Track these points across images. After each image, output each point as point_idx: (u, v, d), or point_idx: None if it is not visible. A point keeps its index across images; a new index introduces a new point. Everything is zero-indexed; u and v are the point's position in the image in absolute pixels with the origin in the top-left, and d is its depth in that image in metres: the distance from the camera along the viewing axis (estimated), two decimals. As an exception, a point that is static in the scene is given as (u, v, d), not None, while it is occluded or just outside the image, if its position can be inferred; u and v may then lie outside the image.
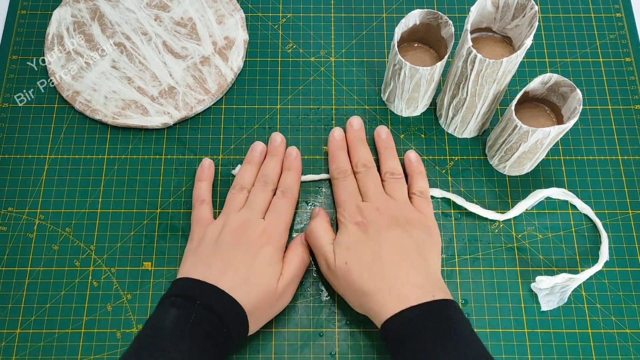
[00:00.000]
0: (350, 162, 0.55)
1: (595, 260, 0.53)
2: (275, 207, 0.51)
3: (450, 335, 0.41)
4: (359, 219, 0.49)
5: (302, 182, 0.56)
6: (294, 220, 0.55)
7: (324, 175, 0.57)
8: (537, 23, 0.47)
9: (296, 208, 0.55)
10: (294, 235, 0.54)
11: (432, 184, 0.57)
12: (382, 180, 0.53)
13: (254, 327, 0.47)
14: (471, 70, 0.49)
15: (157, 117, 0.58)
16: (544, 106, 0.54)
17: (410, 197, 0.53)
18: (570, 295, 0.52)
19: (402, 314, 0.43)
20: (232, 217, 0.50)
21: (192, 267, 0.47)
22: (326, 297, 0.53)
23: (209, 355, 0.42)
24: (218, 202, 0.56)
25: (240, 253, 0.47)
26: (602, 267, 0.52)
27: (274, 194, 0.53)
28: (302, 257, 0.50)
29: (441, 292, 0.45)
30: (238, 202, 0.52)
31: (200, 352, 0.41)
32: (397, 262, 0.46)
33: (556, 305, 0.51)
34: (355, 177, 0.54)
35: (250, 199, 0.52)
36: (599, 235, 0.54)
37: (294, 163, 0.55)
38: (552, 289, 0.51)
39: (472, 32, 0.53)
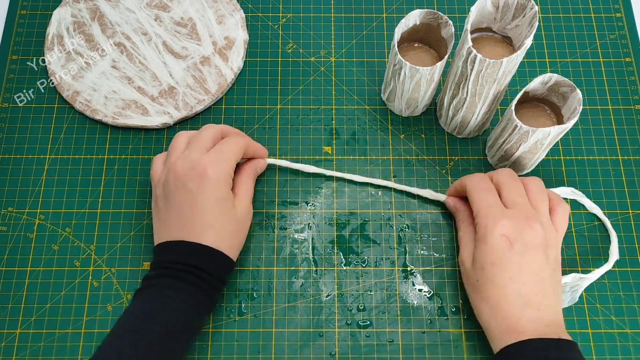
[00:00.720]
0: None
1: (603, 260, 0.53)
2: (219, 145, 0.50)
3: None
4: (505, 231, 0.46)
5: (277, 166, 0.57)
6: (290, 224, 0.55)
7: (299, 166, 0.56)
8: (537, 23, 0.47)
9: (298, 208, 0.55)
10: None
11: (432, 185, 0.57)
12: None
13: (234, 254, 0.49)
14: (471, 70, 0.49)
15: (157, 117, 0.58)
16: (544, 106, 0.54)
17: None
18: (582, 294, 0.52)
19: (528, 343, 0.43)
20: (172, 162, 0.48)
21: (157, 232, 0.49)
22: (326, 297, 0.53)
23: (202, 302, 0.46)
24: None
25: (188, 200, 0.47)
26: (613, 267, 0.52)
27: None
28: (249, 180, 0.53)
29: (565, 334, 0.45)
30: (179, 142, 0.50)
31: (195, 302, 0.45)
32: (534, 292, 0.45)
33: (567, 305, 0.51)
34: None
35: (192, 138, 0.50)
36: (609, 234, 0.54)
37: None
38: (563, 288, 0.51)
39: (472, 32, 0.53)
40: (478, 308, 0.47)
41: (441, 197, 0.55)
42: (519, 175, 0.57)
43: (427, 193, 0.55)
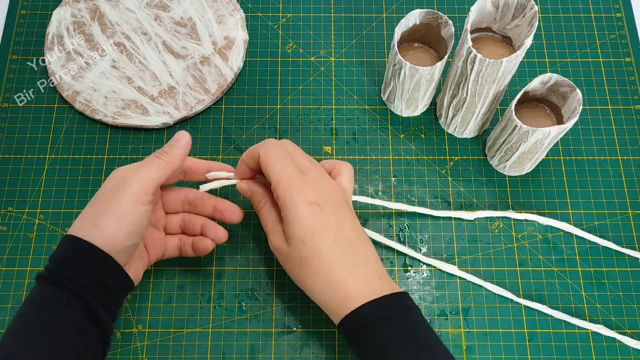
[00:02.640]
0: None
1: (595, 260, 0.54)
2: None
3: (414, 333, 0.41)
4: (311, 197, 0.44)
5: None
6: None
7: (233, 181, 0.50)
8: (537, 23, 0.47)
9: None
10: None
11: (432, 184, 0.57)
12: None
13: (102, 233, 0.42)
14: (471, 70, 0.49)
15: (157, 117, 0.58)
16: (544, 106, 0.54)
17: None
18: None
19: (368, 306, 0.41)
20: None
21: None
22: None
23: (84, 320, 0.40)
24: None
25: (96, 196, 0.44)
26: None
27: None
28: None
29: (395, 284, 0.44)
30: None
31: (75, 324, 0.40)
32: (358, 246, 0.44)
33: None
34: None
35: None
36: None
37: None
38: None
39: (472, 32, 0.53)
40: (310, 285, 0.44)
41: (235, 181, 0.49)
42: (519, 177, 0.57)
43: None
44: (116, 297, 0.43)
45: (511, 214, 0.54)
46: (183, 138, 0.46)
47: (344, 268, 0.43)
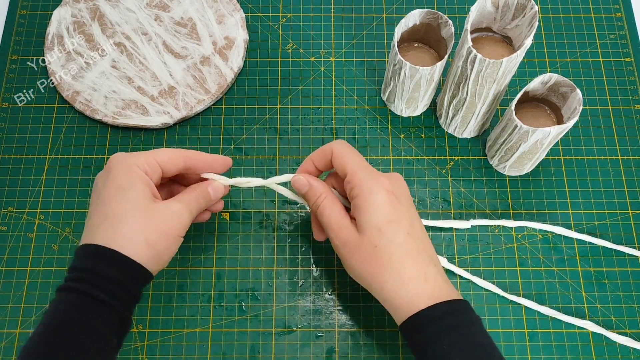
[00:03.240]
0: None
1: (595, 260, 0.54)
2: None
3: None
4: (388, 187, 0.43)
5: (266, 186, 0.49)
6: (290, 224, 0.55)
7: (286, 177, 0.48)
8: (537, 23, 0.47)
9: (298, 208, 0.55)
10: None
11: (432, 184, 0.57)
12: None
13: (144, 253, 0.40)
14: (471, 70, 0.49)
15: (157, 117, 0.58)
16: (544, 106, 0.54)
17: None
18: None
19: (437, 310, 0.40)
20: None
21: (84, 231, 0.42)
22: (328, 295, 0.53)
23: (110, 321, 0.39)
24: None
25: (94, 198, 0.43)
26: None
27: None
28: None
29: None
30: None
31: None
32: (428, 245, 0.43)
33: None
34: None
35: None
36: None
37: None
38: None
39: (472, 32, 0.53)
40: (379, 279, 0.42)
41: (286, 177, 0.47)
42: (519, 177, 0.57)
43: (284, 191, 0.49)
44: (138, 299, 0.43)
45: (506, 222, 0.54)
46: (220, 187, 0.47)
47: (417, 265, 0.41)
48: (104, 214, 0.41)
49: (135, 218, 0.40)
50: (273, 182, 0.48)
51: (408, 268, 0.41)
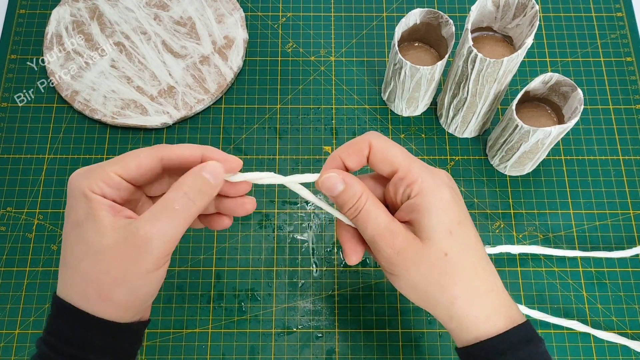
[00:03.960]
0: None
1: (596, 260, 0.53)
2: None
3: None
4: (447, 182, 0.35)
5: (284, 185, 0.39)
6: (290, 224, 0.55)
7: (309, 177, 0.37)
8: (537, 22, 0.47)
9: (298, 208, 0.55)
10: None
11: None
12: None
13: (115, 305, 0.32)
14: (472, 69, 0.49)
15: (157, 117, 0.58)
16: (545, 106, 0.53)
17: None
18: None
19: (515, 333, 0.34)
20: None
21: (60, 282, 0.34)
22: (326, 297, 0.52)
23: None
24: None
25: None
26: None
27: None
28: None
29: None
30: None
31: None
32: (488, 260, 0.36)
33: None
34: None
35: None
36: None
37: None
38: None
39: (472, 32, 0.53)
40: (452, 293, 0.34)
41: (310, 177, 0.37)
42: (520, 177, 0.57)
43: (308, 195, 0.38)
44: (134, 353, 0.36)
45: (509, 248, 0.53)
46: (217, 173, 0.34)
47: (488, 275, 0.35)
48: (62, 261, 0.33)
49: (87, 263, 0.32)
50: (293, 182, 0.37)
51: (482, 279, 0.35)
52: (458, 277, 0.34)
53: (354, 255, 0.37)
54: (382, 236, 0.34)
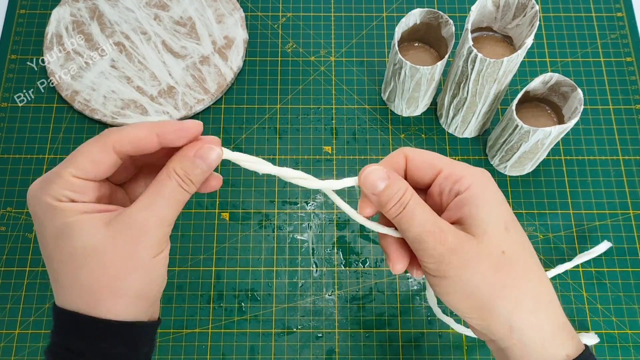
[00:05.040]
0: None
1: (596, 260, 0.53)
2: None
3: None
4: (491, 178, 0.33)
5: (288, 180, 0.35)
6: (290, 224, 0.55)
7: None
8: (537, 22, 0.47)
9: (298, 208, 0.55)
10: None
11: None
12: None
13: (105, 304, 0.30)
14: (472, 69, 0.49)
15: (157, 117, 0.58)
16: (545, 106, 0.53)
17: None
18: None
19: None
20: None
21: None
22: (328, 296, 0.52)
23: None
24: (217, 202, 0.56)
25: None
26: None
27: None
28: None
29: None
30: None
31: None
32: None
33: None
34: None
35: None
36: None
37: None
38: None
39: (472, 32, 0.53)
40: (516, 295, 0.30)
41: (351, 181, 0.34)
42: (520, 177, 0.57)
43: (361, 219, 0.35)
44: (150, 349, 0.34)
45: None
46: (211, 153, 0.31)
47: (547, 280, 0.31)
48: (55, 274, 0.31)
49: (87, 270, 0.30)
50: (328, 188, 0.34)
51: (545, 285, 0.31)
52: (521, 279, 0.30)
53: (400, 263, 0.34)
54: (431, 232, 0.31)
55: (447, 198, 0.33)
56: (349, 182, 0.34)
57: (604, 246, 0.52)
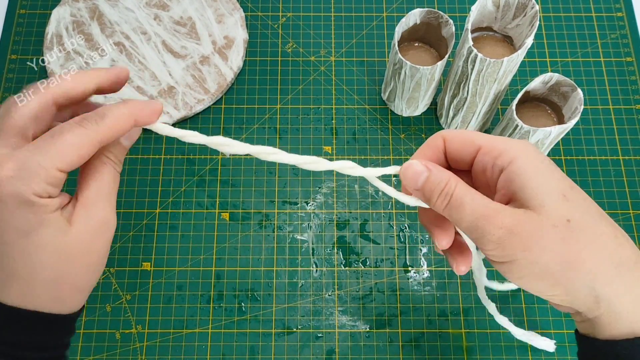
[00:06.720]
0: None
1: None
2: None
3: None
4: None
5: (276, 163, 0.37)
6: (290, 224, 0.55)
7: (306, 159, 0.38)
8: (537, 22, 0.47)
9: (298, 208, 0.55)
10: None
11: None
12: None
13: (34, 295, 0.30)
14: (472, 69, 0.49)
15: (157, 117, 0.58)
16: (545, 106, 0.53)
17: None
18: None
19: None
20: None
21: None
22: (326, 297, 0.52)
23: None
24: (217, 202, 0.56)
25: None
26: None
27: None
28: None
29: None
30: None
31: None
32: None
33: None
34: None
35: None
36: None
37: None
38: None
39: (472, 32, 0.53)
40: (590, 264, 0.28)
41: (393, 169, 0.34)
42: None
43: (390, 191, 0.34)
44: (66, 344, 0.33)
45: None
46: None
47: (634, 246, 0.29)
48: (9, 270, 0.29)
49: (55, 268, 0.30)
50: (372, 176, 0.34)
51: (626, 247, 0.29)
52: (593, 245, 0.28)
53: (444, 239, 0.33)
54: (487, 217, 0.29)
55: (491, 174, 0.31)
56: (390, 170, 0.34)
57: None
